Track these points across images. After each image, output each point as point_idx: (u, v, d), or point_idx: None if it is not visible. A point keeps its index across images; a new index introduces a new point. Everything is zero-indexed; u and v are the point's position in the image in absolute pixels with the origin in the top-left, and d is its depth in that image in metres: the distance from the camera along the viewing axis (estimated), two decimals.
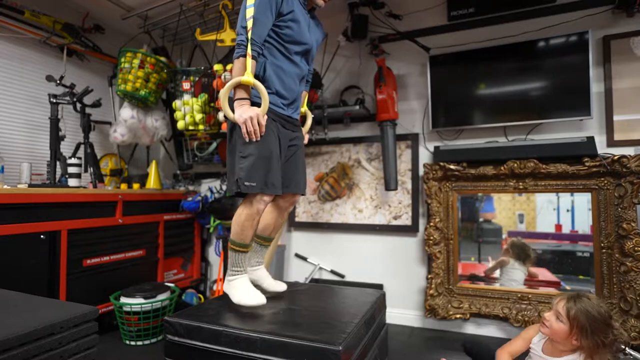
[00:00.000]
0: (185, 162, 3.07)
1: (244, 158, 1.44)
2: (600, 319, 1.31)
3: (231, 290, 1.56)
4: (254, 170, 1.43)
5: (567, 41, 2.20)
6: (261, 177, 1.43)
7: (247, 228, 1.52)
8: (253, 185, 1.42)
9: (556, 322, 1.37)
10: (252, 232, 1.55)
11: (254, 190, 1.43)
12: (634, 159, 2.03)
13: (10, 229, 1.90)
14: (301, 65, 1.61)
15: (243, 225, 1.52)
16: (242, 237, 1.54)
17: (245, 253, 1.57)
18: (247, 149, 1.44)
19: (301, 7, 1.57)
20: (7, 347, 0.95)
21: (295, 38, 1.52)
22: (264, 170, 1.44)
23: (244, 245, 1.56)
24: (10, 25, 2.42)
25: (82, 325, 1.16)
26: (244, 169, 1.43)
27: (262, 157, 1.44)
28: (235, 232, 1.54)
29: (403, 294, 2.63)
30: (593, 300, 1.36)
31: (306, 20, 1.60)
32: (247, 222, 1.51)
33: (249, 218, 1.50)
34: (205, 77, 2.59)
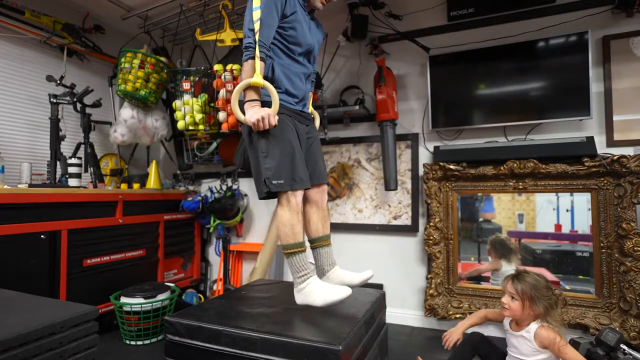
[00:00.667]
0: (186, 162, 3.07)
1: (267, 157, 1.44)
2: (541, 285, 1.56)
3: (309, 297, 1.47)
4: (280, 167, 1.43)
5: (567, 41, 2.20)
6: (288, 174, 1.43)
7: (295, 225, 1.48)
8: (281, 182, 1.41)
9: (512, 301, 1.57)
10: (301, 228, 1.51)
11: (283, 187, 1.42)
12: (633, 159, 2.03)
13: (10, 229, 1.90)
14: (306, 64, 1.64)
15: (291, 224, 1.47)
16: (294, 237, 1.48)
17: (303, 252, 1.50)
18: (270, 147, 1.45)
19: (302, 9, 1.59)
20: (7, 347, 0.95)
21: (299, 39, 1.55)
22: (290, 166, 1.44)
23: (298, 245, 1.49)
24: (10, 25, 2.43)
25: (82, 325, 1.17)
26: (270, 168, 1.43)
27: (285, 154, 1.45)
28: (285, 235, 1.48)
29: (403, 293, 2.63)
30: (530, 273, 1.61)
31: (307, 21, 1.62)
32: (293, 220, 1.47)
33: (293, 214, 1.47)
34: (205, 77, 2.59)
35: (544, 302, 1.53)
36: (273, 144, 1.45)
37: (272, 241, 2.83)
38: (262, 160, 1.46)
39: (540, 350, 1.52)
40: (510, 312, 1.60)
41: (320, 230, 1.69)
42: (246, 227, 3.20)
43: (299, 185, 1.45)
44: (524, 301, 1.54)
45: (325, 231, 1.71)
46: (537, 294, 1.53)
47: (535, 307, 1.53)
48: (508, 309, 1.59)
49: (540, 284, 1.55)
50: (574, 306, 2.17)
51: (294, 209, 1.47)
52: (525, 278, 1.58)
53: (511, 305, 1.58)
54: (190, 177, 3.32)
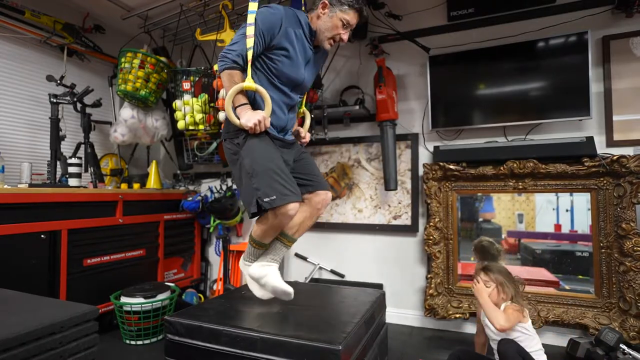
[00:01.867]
0: (186, 162, 3.07)
1: (255, 177, 1.44)
2: (506, 271, 1.79)
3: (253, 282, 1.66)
4: (268, 184, 1.41)
5: (567, 41, 2.20)
6: (278, 189, 1.41)
7: (269, 235, 1.58)
8: (273, 198, 1.40)
9: (486, 288, 1.75)
10: (272, 238, 1.61)
11: (276, 203, 1.40)
12: (633, 159, 2.03)
13: (10, 228, 1.90)
14: (291, 95, 1.61)
15: (265, 232, 1.56)
16: (262, 239, 1.60)
17: (260, 249, 1.64)
18: (255, 166, 1.44)
19: (306, 44, 1.58)
20: (7, 346, 0.95)
21: (285, 72, 1.54)
22: (277, 182, 1.42)
23: (261, 245, 1.62)
24: (10, 25, 2.43)
25: (82, 324, 1.17)
26: (259, 187, 1.42)
27: (270, 169, 1.44)
28: (256, 235, 1.60)
29: (403, 293, 2.63)
30: (494, 263, 1.91)
31: (306, 57, 1.60)
32: (270, 231, 1.56)
33: (274, 228, 1.54)
34: (205, 77, 2.59)
35: (513, 284, 1.74)
36: (258, 162, 1.44)
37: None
38: (249, 180, 1.46)
39: None
40: None
41: (292, 232, 1.63)
42: (246, 227, 3.20)
43: (289, 199, 1.42)
44: (497, 286, 1.74)
45: (296, 236, 1.66)
46: (507, 279, 1.75)
47: (507, 290, 1.73)
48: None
49: (506, 270, 1.79)
50: (573, 306, 2.18)
51: (277, 224, 1.50)
52: (493, 267, 1.80)
53: (487, 291, 1.75)
54: (190, 177, 3.32)
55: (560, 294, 2.22)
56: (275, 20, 1.47)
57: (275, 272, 1.59)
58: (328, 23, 1.55)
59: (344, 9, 1.53)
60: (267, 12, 1.48)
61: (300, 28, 1.55)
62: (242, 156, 1.50)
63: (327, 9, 1.54)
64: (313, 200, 1.65)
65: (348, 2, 1.53)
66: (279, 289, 1.54)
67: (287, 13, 1.51)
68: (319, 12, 1.55)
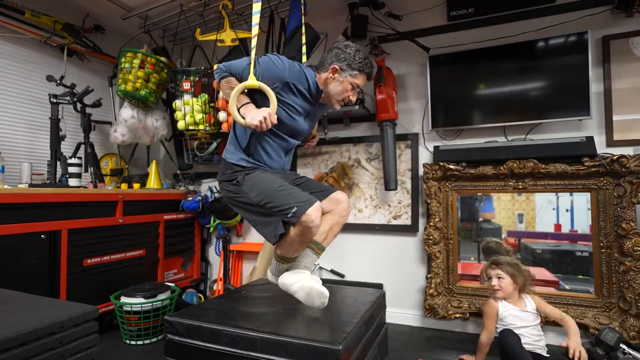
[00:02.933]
0: (186, 162, 3.07)
1: (269, 201, 1.43)
2: (515, 262, 1.90)
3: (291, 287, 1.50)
4: (284, 198, 1.40)
5: (567, 41, 2.20)
6: (294, 198, 1.40)
7: (297, 249, 1.52)
8: (295, 211, 1.37)
9: (501, 281, 1.86)
10: (300, 251, 1.54)
11: (299, 212, 1.36)
12: (633, 159, 2.03)
13: (10, 228, 1.90)
14: (290, 140, 1.63)
15: (293, 247, 1.50)
16: (290, 254, 1.54)
17: (288, 264, 1.58)
18: (262, 192, 1.45)
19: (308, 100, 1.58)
20: (7, 346, 0.95)
21: (284, 122, 1.54)
22: (291, 194, 1.42)
23: (288, 260, 1.57)
24: (10, 25, 2.43)
25: (82, 324, 1.17)
26: (276, 205, 1.41)
27: (279, 186, 1.45)
28: (283, 251, 1.54)
29: (403, 293, 2.63)
30: (501, 256, 1.97)
31: (307, 110, 1.61)
32: (298, 245, 1.50)
33: (301, 241, 1.47)
34: (205, 77, 2.59)
35: (522, 275, 1.86)
36: (266, 187, 1.45)
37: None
38: (264, 208, 1.45)
39: (538, 315, 1.86)
40: (502, 291, 1.87)
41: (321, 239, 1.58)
42: (246, 227, 3.20)
43: (309, 203, 1.38)
44: (511, 278, 1.85)
45: (326, 243, 1.61)
46: (516, 269, 1.86)
47: (519, 280, 1.85)
48: (500, 289, 1.87)
49: (514, 261, 1.90)
50: (573, 306, 2.17)
51: (303, 234, 1.42)
52: (502, 260, 1.90)
53: (501, 285, 1.86)
54: (190, 177, 3.32)
55: (560, 294, 2.22)
56: (278, 74, 1.47)
57: (308, 276, 1.53)
58: (339, 87, 1.56)
59: (355, 74, 1.54)
60: (273, 62, 1.49)
61: (306, 84, 1.55)
62: (245, 192, 1.50)
63: (337, 74, 1.54)
64: (337, 209, 1.60)
65: (358, 67, 1.53)
66: (315, 290, 1.46)
67: (292, 69, 1.50)
68: (329, 75, 1.54)
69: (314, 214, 1.37)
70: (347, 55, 1.52)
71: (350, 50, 1.53)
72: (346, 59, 1.52)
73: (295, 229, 1.42)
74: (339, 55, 1.53)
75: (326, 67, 1.55)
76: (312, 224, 1.38)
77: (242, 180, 1.51)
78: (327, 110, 1.79)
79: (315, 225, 1.39)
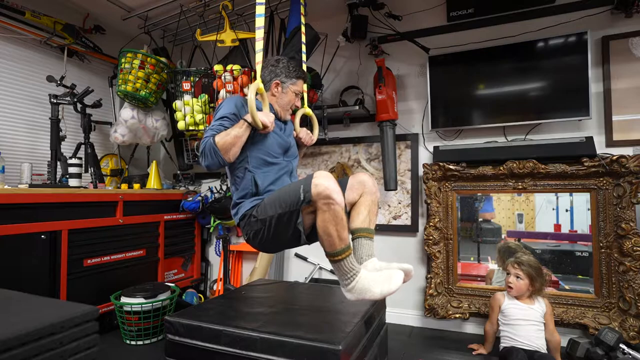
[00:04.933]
0: (186, 162, 3.07)
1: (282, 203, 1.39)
2: (537, 266, 1.93)
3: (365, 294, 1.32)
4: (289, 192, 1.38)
5: (566, 42, 2.20)
6: (298, 184, 1.36)
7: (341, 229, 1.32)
8: (301, 188, 1.32)
9: (518, 281, 1.92)
10: (346, 230, 1.35)
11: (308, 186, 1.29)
12: (632, 159, 2.03)
13: (10, 229, 1.90)
14: (285, 159, 1.66)
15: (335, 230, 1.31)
16: (339, 243, 1.33)
17: (349, 257, 1.35)
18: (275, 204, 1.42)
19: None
20: (7, 346, 0.95)
21: (270, 143, 1.57)
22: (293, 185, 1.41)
23: (341, 252, 1.33)
24: (11, 25, 2.43)
25: (82, 325, 1.17)
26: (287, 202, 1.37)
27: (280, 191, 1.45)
28: (331, 244, 1.32)
29: (402, 293, 2.63)
30: (526, 255, 2.02)
31: (279, 124, 1.67)
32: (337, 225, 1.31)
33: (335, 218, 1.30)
34: (205, 78, 2.59)
35: (541, 279, 1.91)
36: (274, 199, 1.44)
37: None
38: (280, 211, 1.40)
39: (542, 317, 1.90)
40: (515, 290, 1.92)
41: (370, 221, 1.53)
42: None
43: (311, 176, 1.32)
44: (529, 279, 1.89)
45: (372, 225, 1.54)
46: (537, 273, 1.90)
47: (535, 284, 1.90)
48: (513, 287, 1.92)
49: (536, 265, 1.93)
50: (573, 306, 2.18)
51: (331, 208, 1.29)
52: (525, 261, 1.92)
53: (516, 284, 1.92)
54: (190, 177, 3.32)
55: (560, 294, 2.22)
56: (237, 103, 1.55)
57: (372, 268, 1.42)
58: (285, 98, 1.66)
59: (294, 82, 1.67)
60: (228, 100, 1.59)
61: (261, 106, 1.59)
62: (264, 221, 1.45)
63: (280, 87, 1.65)
64: (365, 190, 1.52)
65: (295, 75, 1.66)
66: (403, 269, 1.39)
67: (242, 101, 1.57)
68: (273, 91, 1.65)
69: (322, 181, 1.28)
70: (283, 69, 1.64)
71: (282, 64, 1.64)
72: (282, 72, 1.64)
73: (319, 211, 1.30)
74: (275, 70, 1.64)
75: (268, 86, 1.65)
76: (327, 191, 1.26)
77: (257, 213, 1.49)
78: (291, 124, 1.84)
79: (333, 190, 1.27)
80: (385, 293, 1.31)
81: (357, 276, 1.34)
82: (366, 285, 1.32)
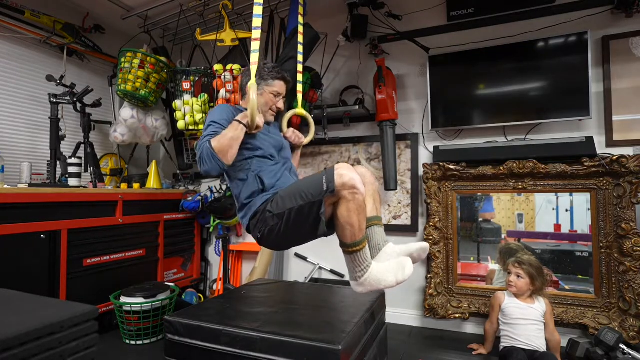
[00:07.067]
0: (186, 161, 3.07)
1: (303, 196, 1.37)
2: (539, 266, 1.95)
3: (378, 284, 1.36)
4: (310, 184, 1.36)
5: (567, 41, 2.20)
6: (318, 177, 1.35)
7: (362, 219, 1.33)
8: (323, 179, 1.31)
9: (519, 280, 1.93)
10: (365, 224, 1.37)
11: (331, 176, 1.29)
12: (632, 159, 2.03)
13: (10, 228, 1.90)
14: (282, 156, 1.68)
15: (357, 219, 1.31)
16: (359, 233, 1.33)
17: (365, 249, 1.36)
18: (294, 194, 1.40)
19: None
20: (7, 346, 0.95)
21: (263, 143, 1.59)
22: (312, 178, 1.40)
23: (360, 242, 1.34)
24: (10, 25, 2.43)
25: (82, 324, 1.16)
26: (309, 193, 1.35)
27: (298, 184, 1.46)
28: (351, 235, 1.32)
29: (402, 293, 2.63)
30: (527, 254, 2.05)
31: (267, 128, 1.69)
32: (359, 214, 1.31)
33: (358, 207, 1.30)
34: (205, 77, 2.59)
35: (541, 279, 1.93)
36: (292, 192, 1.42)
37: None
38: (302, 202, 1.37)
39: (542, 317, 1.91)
40: (516, 289, 1.94)
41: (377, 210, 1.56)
42: None
43: (333, 168, 1.33)
44: (530, 278, 1.91)
45: (378, 213, 1.57)
46: (538, 273, 1.92)
47: (536, 284, 1.92)
48: (514, 286, 1.94)
49: (538, 264, 1.95)
50: (573, 306, 2.18)
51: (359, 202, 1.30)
52: (526, 261, 1.94)
53: (517, 283, 1.93)
54: (190, 177, 3.32)
55: (560, 294, 2.22)
56: (228, 109, 1.58)
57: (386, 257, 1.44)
58: (262, 100, 1.67)
59: (270, 83, 1.67)
60: (219, 107, 1.64)
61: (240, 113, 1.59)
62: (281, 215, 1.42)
63: None
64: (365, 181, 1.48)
65: (271, 76, 1.66)
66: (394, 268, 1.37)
67: (227, 110, 1.60)
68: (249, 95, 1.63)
69: (347, 172, 1.29)
70: (257, 72, 1.60)
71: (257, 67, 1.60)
72: (257, 74, 1.60)
73: (343, 201, 1.30)
74: (249, 75, 1.59)
75: (245, 91, 1.67)
76: (353, 181, 1.28)
77: (272, 208, 1.46)
78: (277, 125, 1.86)
79: (357, 181, 1.28)
80: (401, 280, 1.34)
81: (370, 267, 1.36)
82: (379, 276, 1.36)
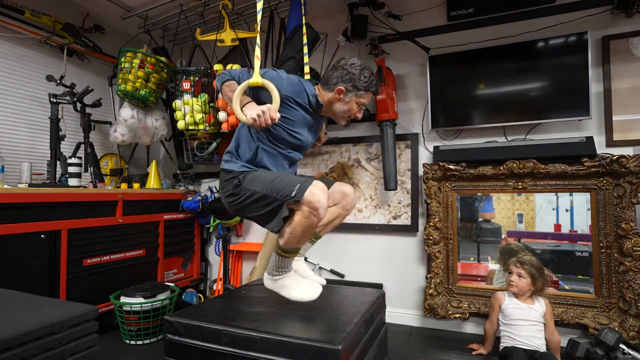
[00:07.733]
0: (185, 161, 3.07)
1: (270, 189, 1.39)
2: (539, 266, 1.95)
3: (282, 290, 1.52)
4: (285, 183, 1.37)
5: (567, 41, 2.20)
6: (296, 181, 1.36)
7: (305, 237, 1.43)
8: (298, 187, 1.33)
9: (520, 280, 1.93)
10: (305, 241, 1.47)
11: (302, 189, 1.31)
12: (632, 159, 2.03)
13: (10, 228, 1.90)
14: (293, 154, 1.62)
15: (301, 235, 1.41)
16: (296, 245, 1.45)
17: (292, 258, 1.53)
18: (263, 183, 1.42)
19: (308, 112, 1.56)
20: (7, 346, 0.95)
21: (284, 138, 1.53)
22: (293, 178, 1.40)
23: (292, 252, 1.49)
24: (10, 25, 2.43)
25: (82, 324, 1.17)
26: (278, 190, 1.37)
27: (279, 174, 1.45)
28: (290, 243, 1.44)
29: (402, 293, 2.63)
30: (528, 254, 2.05)
31: (308, 123, 1.59)
32: (306, 232, 1.40)
33: (309, 226, 1.38)
34: (205, 77, 2.59)
35: (542, 279, 1.93)
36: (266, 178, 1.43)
37: (272, 241, 2.83)
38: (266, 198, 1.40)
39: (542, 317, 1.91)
40: (517, 288, 1.93)
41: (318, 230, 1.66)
42: (246, 226, 3.20)
43: (311, 181, 1.35)
44: (531, 278, 1.91)
45: (321, 233, 1.71)
46: (539, 273, 1.92)
47: (537, 284, 1.92)
48: (515, 286, 1.93)
49: (538, 265, 1.95)
50: (573, 306, 2.18)
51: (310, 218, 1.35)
52: (527, 261, 1.94)
53: (518, 283, 1.93)
54: (190, 176, 3.32)
55: (560, 294, 2.22)
56: (277, 85, 1.44)
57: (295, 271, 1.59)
58: (344, 107, 1.56)
59: (360, 94, 1.55)
60: (278, 74, 1.50)
61: (306, 99, 1.54)
62: (246, 189, 1.46)
63: (342, 95, 1.53)
64: (342, 202, 1.63)
65: (364, 87, 1.53)
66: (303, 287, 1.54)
67: (290, 82, 1.50)
68: (334, 96, 1.54)
69: (319, 193, 1.31)
70: (352, 76, 1.50)
71: (355, 70, 1.51)
72: (351, 79, 1.51)
73: (300, 213, 1.35)
74: (344, 76, 1.51)
75: (331, 88, 1.53)
76: (318, 204, 1.30)
77: (243, 179, 1.49)
78: (325, 119, 1.79)
79: (322, 207, 1.32)
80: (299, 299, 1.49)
81: (287, 274, 1.53)
82: (288, 285, 1.52)
